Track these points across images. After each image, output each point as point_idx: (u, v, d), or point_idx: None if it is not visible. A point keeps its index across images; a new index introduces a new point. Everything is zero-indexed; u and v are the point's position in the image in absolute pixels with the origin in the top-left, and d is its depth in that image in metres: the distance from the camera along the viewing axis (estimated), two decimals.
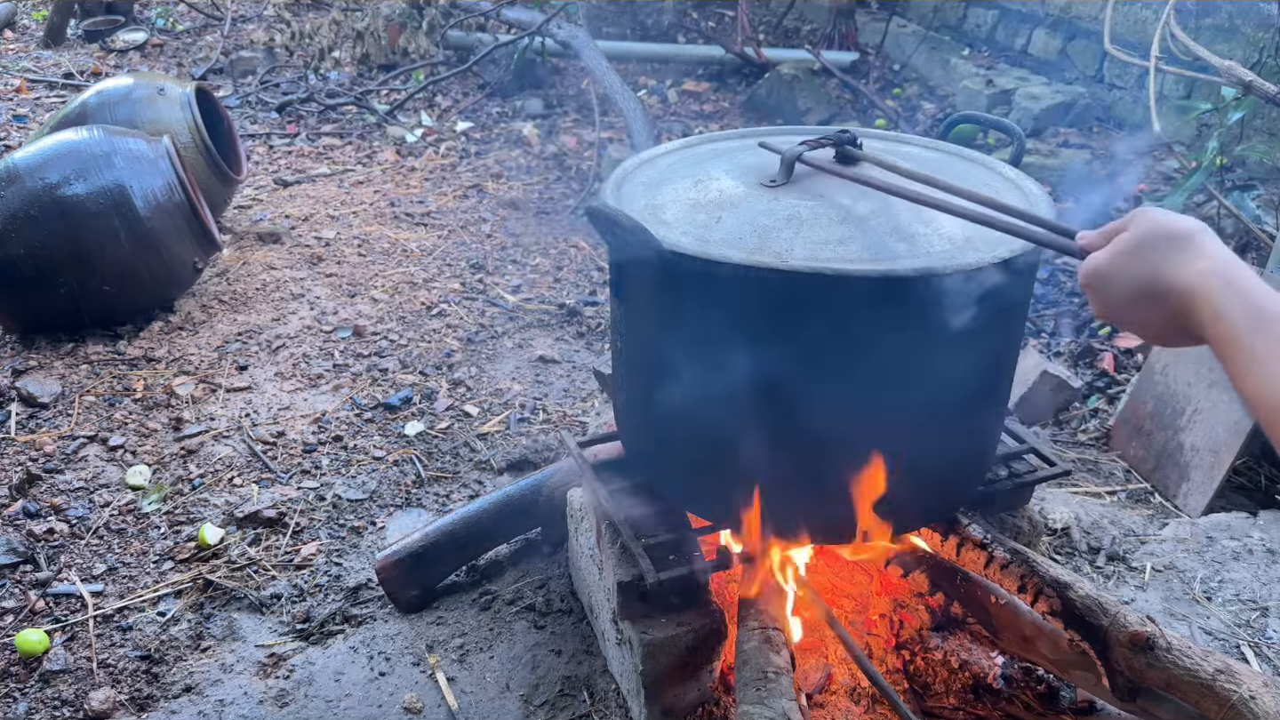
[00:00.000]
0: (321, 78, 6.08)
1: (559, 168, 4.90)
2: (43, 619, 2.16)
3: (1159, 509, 2.55)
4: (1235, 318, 1.00)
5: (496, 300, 3.58)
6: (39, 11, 7.42)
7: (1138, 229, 1.13)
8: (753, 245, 1.47)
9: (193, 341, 3.24)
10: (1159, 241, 1.10)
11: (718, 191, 1.66)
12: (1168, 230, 1.10)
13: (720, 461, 1.63)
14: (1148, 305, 1.10)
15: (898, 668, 1.87)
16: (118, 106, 3.74)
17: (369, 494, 2.56)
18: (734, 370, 1.54)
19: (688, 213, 1.61)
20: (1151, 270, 1.09)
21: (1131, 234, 1.13)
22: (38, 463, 2.63)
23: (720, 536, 1.82)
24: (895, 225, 1.53)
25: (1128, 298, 1.13)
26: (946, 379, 1.54)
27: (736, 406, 1.55)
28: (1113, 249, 1.14)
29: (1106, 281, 1.15)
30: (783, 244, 1.47)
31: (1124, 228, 1.15)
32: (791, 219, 1.54)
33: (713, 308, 1.52)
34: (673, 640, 1.71)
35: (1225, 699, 1.50)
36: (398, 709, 1.92)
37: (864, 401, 1.52)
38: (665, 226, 1.56)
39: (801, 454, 1.58)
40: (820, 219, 1.54)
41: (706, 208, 1.61)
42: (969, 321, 1.43)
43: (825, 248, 1.47)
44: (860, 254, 1.46)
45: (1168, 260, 1.08)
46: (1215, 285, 1.03)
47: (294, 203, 4.40)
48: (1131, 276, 1.11)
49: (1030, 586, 1.69)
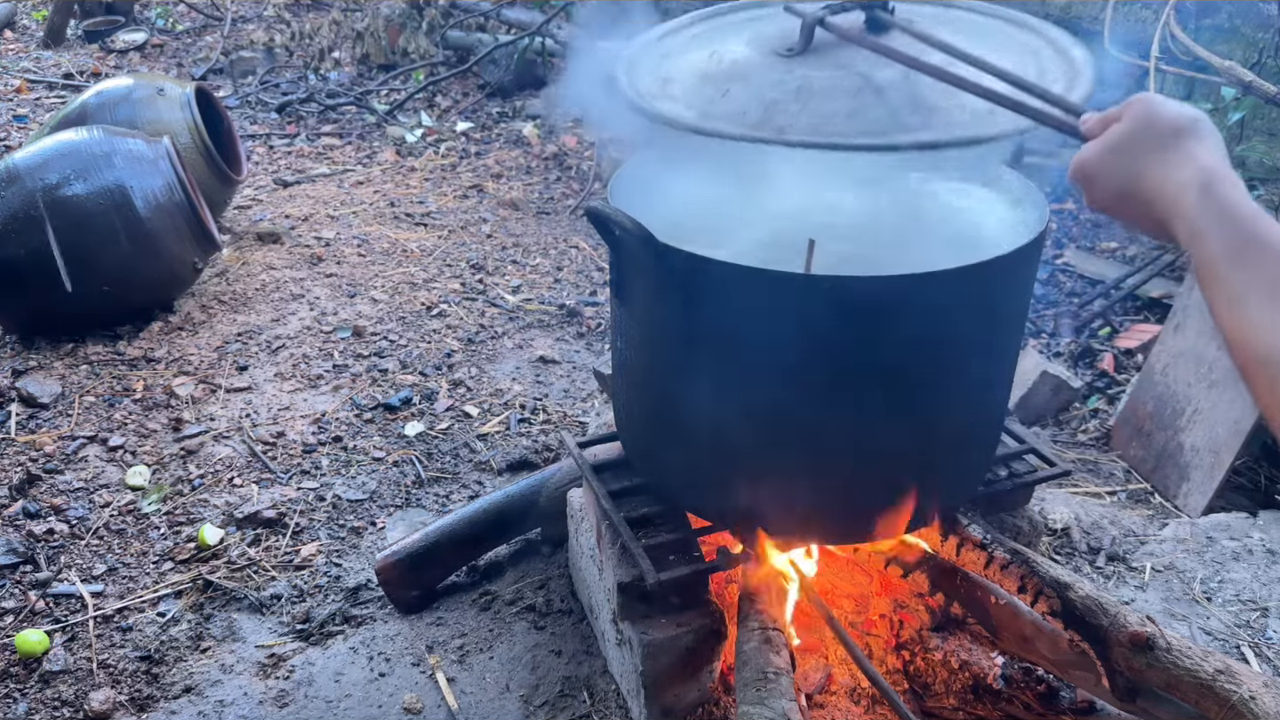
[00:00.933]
0: (321, 78, 6.08)
1: (559, 168, 4.90)
2: (43, 619, 2.15)
3: (1159, 509, 2.55)
4: (1213, 241, 0.92)
5: (496, 300, 3.58)
6: (39, 12, 7.42)
7: (1130, 121, 1.05)
8: (755, 119, 1.37)
9: (192, 342, 3.24)
10: (1147, 138, 1.02)
11: (731, 62, 1.55)
12: (1157, 126, 1.02)
13: (720, 462, 1.63)
14: (1131, 205, 1.04)
15: (898, 668, 1.86)
16: (118, 107, 3.73)
17: (369, 494, 2.56)
18: (732, 369, 1.54)
19: (696, 86, 1.51)
20: (1136, 170, 1.02)
21: (1123, 126, 1.06)
22: (38, 463, 2.63)
23: (720, 536, 1.82)
24: (915, 97, 1.40)
25: (1112, 195, 1.06)
26: (933, 379, 1.51)
27: (735, 406, 1.55)
28: (1103, 141, 1.07)
29: (1091, 177, 1.08)
30: (787, 117, 1.36)
31: (1120, 116, 1.07)
32: (802, 91, 1.42)
33: (702, 294, 1.48)
34: (673, 640, 1.71)
35: (1225, 699, 1.50)
36: (398, 709, 1.92)
37: (863, 400, 1.52)
38: (670, 100, 1.47)
39: (801, 454, 1.58)
40: (833, 90, 1.41)
41: (716, 80, 1.50)
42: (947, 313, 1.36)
43: (832, 120, 1.35)
44: (869, 127, 1.35)
45: (1152, 161, 1.00)
46: (1193, 201, 0.95)
47: (294, 203, 4.40)
48: (1117, 173, 1.04)
49: (1030, 587, 1.69)
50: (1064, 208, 4.22)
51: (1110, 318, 3.38)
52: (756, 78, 1.48)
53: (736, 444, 1.58)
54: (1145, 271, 3.49)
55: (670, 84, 1.53)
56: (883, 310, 1.43)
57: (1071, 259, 3.80)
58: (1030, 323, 3.34)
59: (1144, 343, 3.13)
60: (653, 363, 1.68)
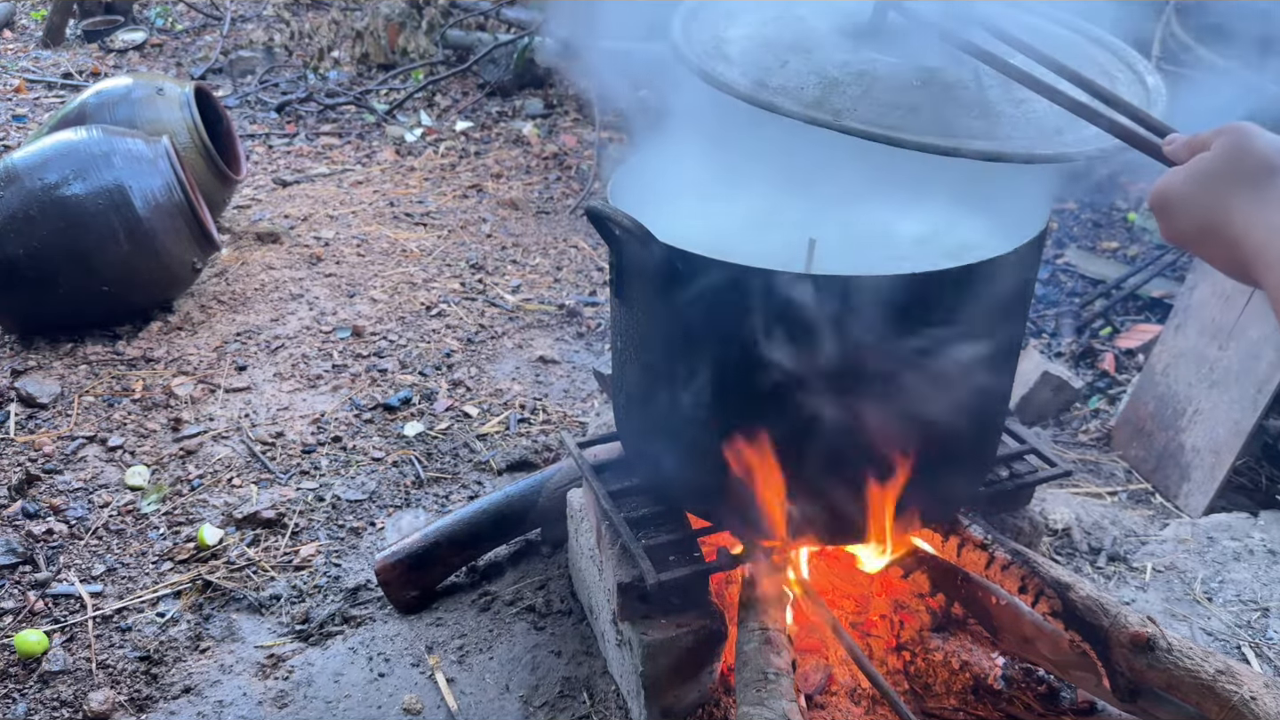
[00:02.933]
0: (321, 77, 6.08)
1: (559, 168, 4.90)
2: (42, 619, 2.15)
3: (1160, 509, 2.55)
4: None
5: (496, 300, 3.58)
6: (38, 11, 7.42)
7: (1221, 150, 0.96)
8: (812, 97, 1.30)
9: (192, 342, 3.24)
10: (1237, 172, 0.93)
11: (796, 32, 1.46)
12: (1249, 159, 0.93)
13: (719, 462, 1.63)
14: (1213, 244, 0.96)
15: (898, 669, 1.86)
16: (117, 106, 3.73)
17: (368, 495, 2.56)
18: (732, 369, 1.54)
19: (755, 51, 1.43)
20: (1221, 206, 0.93)
21: (1211, 156, 0.97)
22: (37, 463, 2.62)
23: (720, 537, 1.82)
24: (981, 101, 1.34)
25: (1194, 230, 0.97)
26: (932, 379, 1.51)
27: (735, 406, 1.55)
28: (1188, 170, 0.98)
29: (1171, 207, 0.99)
30: (845, 101, 1.29)
31: (1208, 144, 0.99)
32: (864, 74, 1.35)
33: (702, 294, 1.46)
34: (673, 641, 1.71)
35: (1226, 700, 1.50)
36: (397, 710, 1.92)
37: (863, 400, 1.52)
38: (725, 63, 1.39)
39: (802, 453, 1.57)
40: (898, 80, 1.34)
41: (777, 49, 1.42)
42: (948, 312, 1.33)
43: (892, 112, 1.28)
44: (929, 126, 1.28)
45: (1241, 198, 0.91)
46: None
47: (293, 203, 4.39)
48: (1201, 207, 0.95)
49: (1031, 587, 1.68)
50: (1065, 208, 4.22)
51: (1111, 318, 3.38)
52: (819, 53, 1.39)
53: (736, 443, 1.58)
54: (1146, 271, 3.49)
55: (726, 44, 1.44)
56: (883, 310, 1.43)
57: (1072, 259, 3.80)
58: (1031, 323, 3.34)
59: (1145, 343, 3.13)
60: (652, 363, 1.68)
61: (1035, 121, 1.32)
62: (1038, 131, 1.31)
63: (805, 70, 1.36)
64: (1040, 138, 1.29)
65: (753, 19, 1.53)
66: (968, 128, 1.28)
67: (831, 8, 1.54)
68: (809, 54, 1.40)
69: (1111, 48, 1.58)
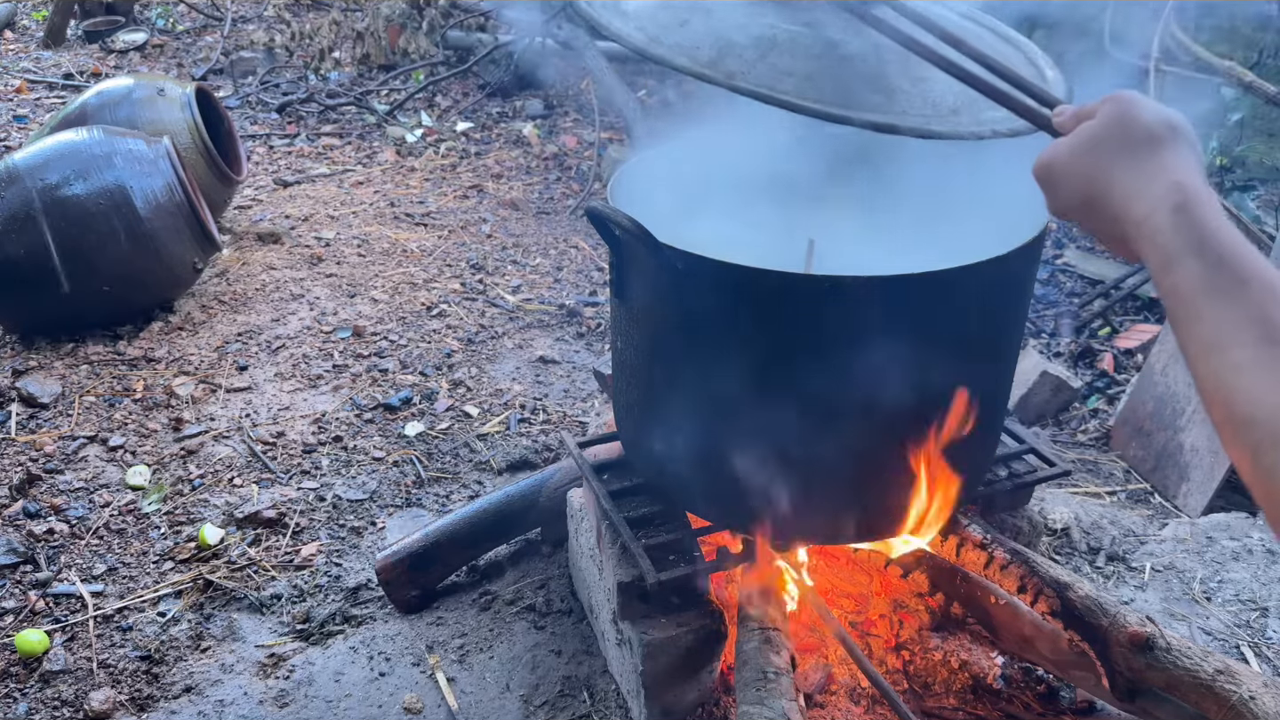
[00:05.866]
0: (321, 78, 6.08)
1: (559, 168, 4.90)
2: (43, 619, 2.16)
3: (1159, 509, 2.55)
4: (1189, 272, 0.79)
5: (496, 300, 3.58)
6: (39, 12, 7.42)
7: (1103, 119, 0.93)
8: (707, 57, 1.29)
9: (192, 342, 3.24)
10: (1119, 141, 0.90)
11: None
12: (1131, 129, 0.90)
13: (719, 461, 1.63)
14: (1096, 216, 0.93)
15: (897, 668, 1.87)
16: (118, 107, 3.73)
17: (369, 494, 2.56)
18: (732, 369, 1.54)
19: (654, 9, 1.41)
20: (1102, 178, 0.90)
21: (1094, 125, 0.94)
22: (38, 463, 2.63)
23: (720, 537, 1.82)
24: (879, 75, 1.32)
25: (1075, 202, 0.95)
26: (931, 378, 1.51)
27: (735, 407, 1.55)
28: (1072, 140, 0.95)
29: (1055, 178, 0.96)
30: (742, 64, 1.28)
31: (1093, 113, 0.96)
32: (763, 39, 1.34)
33: (701, 294, 1.46)
34: (673, 640, 1.71)
35: (1225, 699, 1.50)
36: (398, 709, 1.92)
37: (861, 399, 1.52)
38: (622, 18, 1.37)
39: (801, 453, 1.58)
40: (797, 47, 1.34)
41: (675, 8, 1.41)
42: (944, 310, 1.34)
43: (787, 79, 1.27)
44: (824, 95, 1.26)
45: (1120, 171, 0.88)
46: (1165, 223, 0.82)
47: (294, 203, 4.40)
48: (1082, 177, 0.92)
49: (1030, 587, 1.69)
50: None
51: (1110, 317, 3.38)
52: (721, 15, 1.38)
53: (736, 444, 1.58)
54: (1145, 271, 3.49)
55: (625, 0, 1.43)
56: (883, 310, 1.43)
57: (1071, 259, 3.80)
58: (1030, 323, 3.34)
59: (1144, 343, 3.14)
60: (652, 363, 1.69)
61: (932, 100, 1.30)
62: (933, 109, 1.29)
63: (704, 31, 1.34)
64: (935, 116, 1.28)
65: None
66: (863, 100, 1.26)
67: None
68: (710, 15, 1.39)
69: (1017, 44, 1.57)
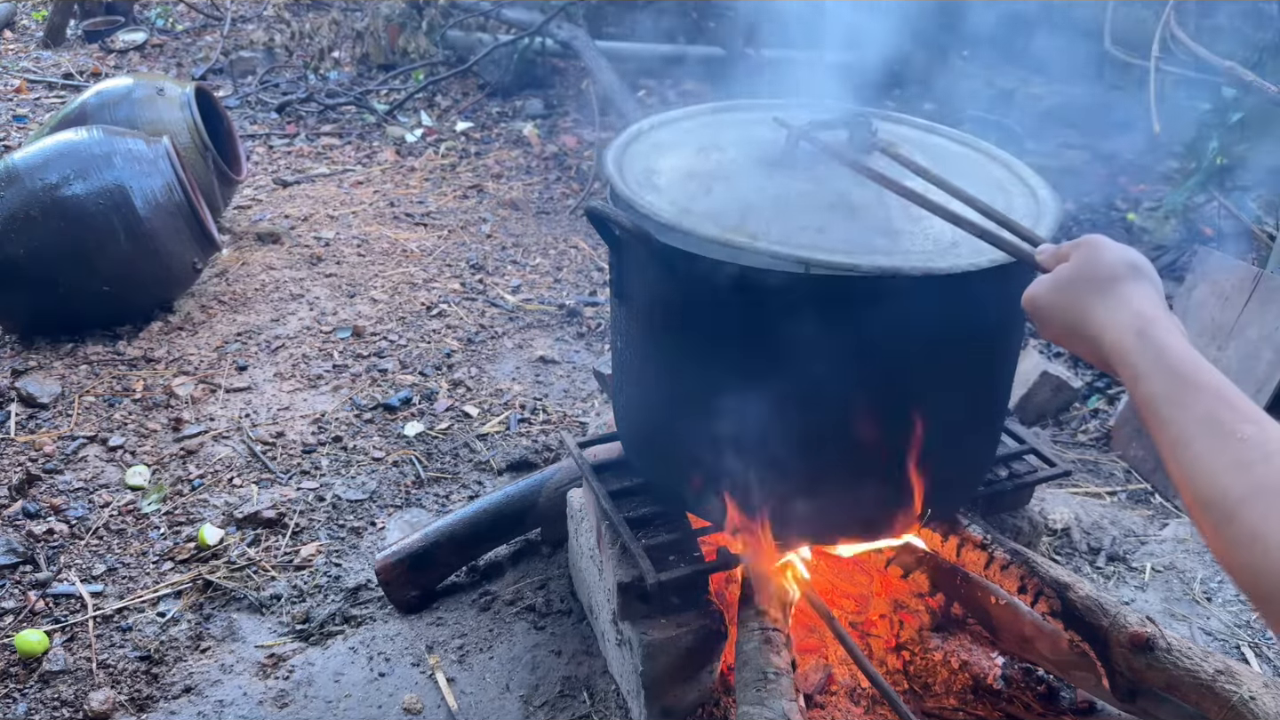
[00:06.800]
0: (321, 78, 6.08)
1: (559, 168, 4.90)
2: (42, 619, 2.15)
3: (1159, 509, 2.55)
4: (1152, 384, 0.95)
5: (496, 300, 3.58)
6: (39, 12, 7.42)
7: (1076, 261, 1.10)
8: (731, 222, 1.46)
9: (192, 342, 3.24)
10: (1089, 281, 1.07)
11: (718, 162, 1.65)
12: (1098, 269, 1.07)
13: (720, 461, 1.63)
14: (1078, 342, 1.08)
15: (898, 668, 1.87)
16: (117, 107, 3.73)
17: (369, 494, 2.56)
18: (732, 370, 1.54)
19: (681, 181, 1.60)
20: (1079, 312, 1.07)
21: (1068, 267, 1.11)
22: (37, 463, 2.63)
23: (720, 537, 1.82)
24: (885, 220, 1.51)
25: (1060, 331, 1.11)
26: (931, 382, 1.53)
27: (735, 407, 1.55)
28: (1052, 279, 1.12)
29: (1040, 312, 1.13)
30: (761, 224, 1.46)
31: (1068, 255, 1.13)
32: (779, 199, 1.52)
33: (701, 295, 1.50)
34: (673, 641, 1.71)
35: (1225, 700, 1.50)
36: (397, 709, 1.92)
37: (861, 402, 1.52)
38: (655, 192, 1.55)
39: (801, 453, 1.58)
40: (809, 203, 1.52)
41: (701, 178, 1.60)
42: (943, 327, 1.40)
43: (803, 233, 1.45)
44: (836, 244, 1.44)
45: (1092, 305, 1.05)
46: (1130, 346, 0.99)
47: (293, 203, 4.40)
48: (1062, 311, 1.09)
49: (1030, 587, 1.69)
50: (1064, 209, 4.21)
51: None
52: (740, 180, 1.58)
53: (736, 444, 1.58)
54: None
55: (656, 175, 1.62)
56: (884, 310, 1.43)
57: None
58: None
59: None
60: (652, 363, 1.68)
61: (933, 236, 1.48)
62: (934, 245, 1.46)
63: (727, 197, 1.54)
64: (937, 251, 1.44)
65: (679, 153, 1.71)
66: (871, 244, 1.44)
67: (749, 139, 1.72)
68: (730, 181, 1.59)
69: (1007, 164, 1.78)
